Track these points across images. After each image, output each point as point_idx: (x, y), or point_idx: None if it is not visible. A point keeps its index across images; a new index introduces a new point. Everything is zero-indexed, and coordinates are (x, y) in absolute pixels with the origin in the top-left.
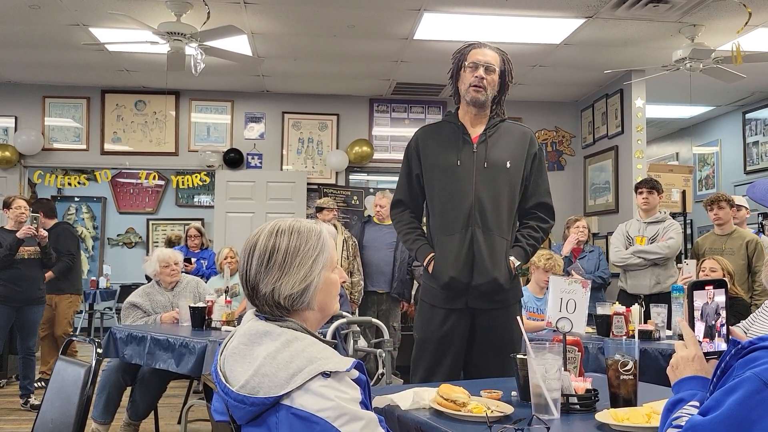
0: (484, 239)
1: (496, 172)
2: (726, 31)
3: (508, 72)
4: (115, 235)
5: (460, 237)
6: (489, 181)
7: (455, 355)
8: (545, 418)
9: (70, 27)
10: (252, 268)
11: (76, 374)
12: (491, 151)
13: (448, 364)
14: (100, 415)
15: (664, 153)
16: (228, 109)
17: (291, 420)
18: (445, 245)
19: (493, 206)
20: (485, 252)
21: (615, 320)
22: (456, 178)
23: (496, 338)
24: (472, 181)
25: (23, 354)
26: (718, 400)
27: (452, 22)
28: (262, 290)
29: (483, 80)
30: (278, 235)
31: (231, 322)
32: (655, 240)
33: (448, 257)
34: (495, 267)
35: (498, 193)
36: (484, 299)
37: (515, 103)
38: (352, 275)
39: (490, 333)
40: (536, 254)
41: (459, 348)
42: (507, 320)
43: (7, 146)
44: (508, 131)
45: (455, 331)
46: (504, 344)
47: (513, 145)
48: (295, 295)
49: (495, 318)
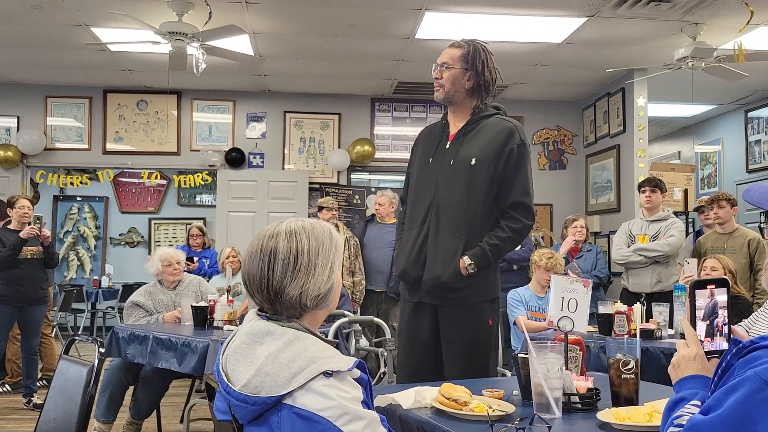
0: (435, 236)
1: (460, 169)
2: (728, 29)
3: (478, 61)
4: (117, 234)
5: (416, 233)
6: (450, 179)
7: (421, 351)
8: (547, 417)
9: (72, 27)
10: (276, 273)
11: (79, 373)
12: (461, 149)
13: (415, 359)
14: (103, 414)
15: (666, 152)
16: (230, 108)
17: (293, 419)
18: (404, 240)
19: (450, 204)
20: (432, 249)
21: (617, 319)
22: (424, 175)
23: (457, 337)
24: (435, 178)
25: (26, 353)
26: (719, 400)
27: (454, 21)
28: (290, 294)
29: (437, 80)
30: (298, 237)
31: (233, 322)
32: (657, 238)
33: (402, 252)
34: (441, 265)
35: (459, 191)
36: (433, 295)
37: (517, 102)
38: (354, 275)
39: (451, 331)
40: (537, 253)
41: (426, 344)
42: (468, 319)
43: (10, 146)
44: (488, 127)
45: (420, 326)
46: (465, 343)
47: (486, 142)
48: (322, 295)
49: (456, 316)
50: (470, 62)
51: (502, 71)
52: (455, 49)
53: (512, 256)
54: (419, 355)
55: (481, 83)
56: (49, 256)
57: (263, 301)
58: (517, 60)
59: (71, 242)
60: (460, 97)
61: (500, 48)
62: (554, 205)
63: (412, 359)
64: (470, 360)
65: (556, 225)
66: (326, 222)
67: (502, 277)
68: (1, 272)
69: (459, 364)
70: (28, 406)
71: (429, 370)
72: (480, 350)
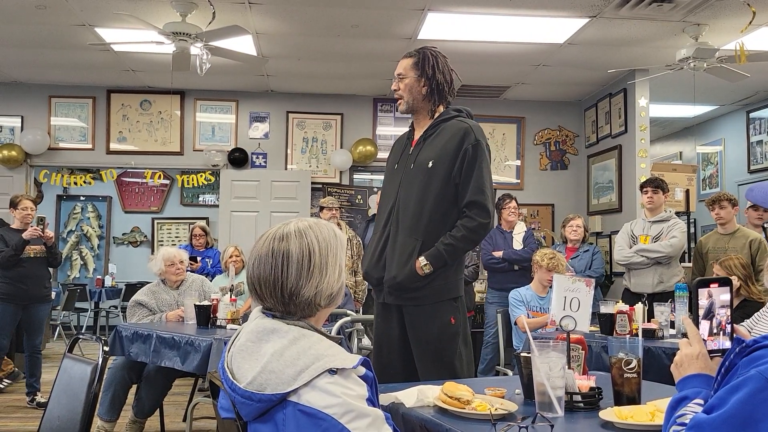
0: (393, 238)
1: (418, 172)
2: (730, 30)
3: (428, 65)
4: (121, 234)
5: (379, 236)
6: (410, 182)
7: (390, 350)
8: (549, 416)
9: (76, 27)
10: (290, 276)
11: (83, 372)
12: (421, 153)
13: (384, 357)
14: (106, 413)
15: (667, 152)
16: (233, 108)
17: (298, 416)
18: (370, 242)
19: (407, 206)
20: (390, 250)
21: (618, 319)
22: (389, 180)
23: (421, 336)
24: (397, 183)
25: (29, 352)
26: (723, 399)
27: (456, 21)
28: (305, 295)
29: (396, 92)
30: (308, 238)
31: (236, 321)
32: (659, 239)
33: (366, 254)
34: (396, 265)
35: (415, 193)
36: (393, 296)
37: (519, 103)
38: (356, 274)
39: (414, 330)
40: (539, 254)
41: (395, 343)
42: (428, 318)
43: (14, 146)
44: (446, 130)
45: (388, 325)
46: (428, 342)
47: (443, 144)
48: (334, 293)
49: (416, 316)
50: (421, 68)
51: (503, 71)
52: (407, 59)
53: (513, 257)
54: (388, 354)
55: (434, 87)
56: (53, 255)
57: (276, 303)
58: (519, 60)
59: (75, 241)
60: (418, 104)
61: (502, 48)
62: (556, 206)
63: (382, 358)
64: (436, 359)
65: (558, 225)
66: (327, 221)
67: (504, 277)
68: (5, 271)
69: (425, 363)
70: (32, 405)
71: (397, 369)
72: (444, 349)
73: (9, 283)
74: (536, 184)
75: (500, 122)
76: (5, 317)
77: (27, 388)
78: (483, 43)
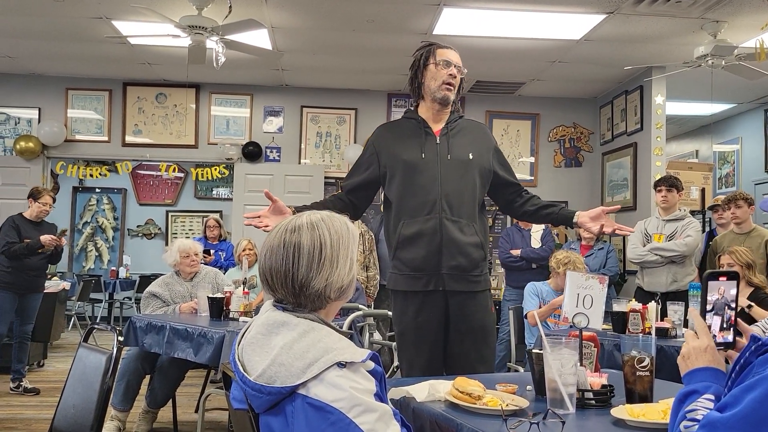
0: (453, 226)
1: (460, 164)
2: (749, 27)
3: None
4: (135, 226)
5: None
6: (454, 172)
7: (432, 345)
8: (560, 413)
9: (93, 20)
10: (301, 267)
11: (98, 361)
12: (453, 146)
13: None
14: (120, 403)
15: (683, 150)
16: (247, 102)
17: (306, 409)
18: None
19: (461, 195)
20: (450, 238)
21: (631, 317)
22: (420, 170)
23: (466, 324)
24: (437, 172)
25: (20, 338)
26: (737, 397)
27: (471, 17)
28: (315, 287)
29: (454, 79)
30: (319, 230)
31: (248, 313)
32: (673, 238)
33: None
34: (462, 252)
35: (467, 183)
36: (457, 282)
37: (534, 99)
38: (368, 269)
39: (462, 319)
40: (554, 260)
41: (436, 337)
42: (478, 307)
43: (31, 137)
44: (467, 127)
45: (431, 317)
46: (472, 330)
47: (472, 140)
48: (345, 286)
49: (469, 304)
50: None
51: (519, 68)
52: (456, 54)
53: (531, 255)
54: (430, 350)
55: (462, 85)
56: (57, 255)
57: (287, 295)
58: (534, 57)
59: (90, 233)
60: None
61: (518, 44)
62: (569, 203)
63: (423, 355)
64: (484, 347)
65: None
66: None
67: (521, 276)
68: (10, 261)
69: (473, 350)
70: (17, 391)
71: (439, 365)
72: (490, 336)
73: (11, 272)
74: (550, 182)
75: (515, 119)
76: (5, 304)
77: (12, 374)
78: (498, 39)
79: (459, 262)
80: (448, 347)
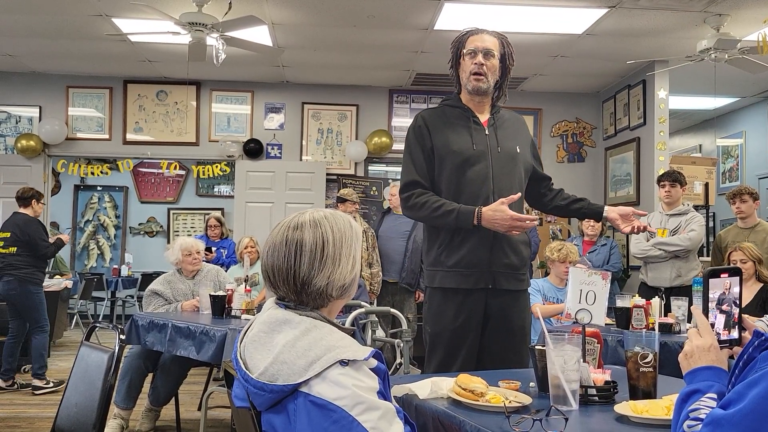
0: None
1: (509, 158)
2: (752, 20)
3: (509, 55)
4: (137, 224)
5: None
6: (504, 166)
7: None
8: (564, 409)
9: (93, 17)
10: (303, 265)
11: (100, 360)
12: (501, 138)
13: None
14: (122, 401)
15: (686, 145)
16: (248, 99)
17: (308, 407)
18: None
19: (509, 191)
20: (503, 235)
21: (635, 313)
22: (471, 161)
23: (509, 323)
24: (488, 165)
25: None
26: (741, 393)
27: (473, 12)
28: (317, 284)
29: (483, 66)
30: (322, 228)
31: (250, 311)
32: (676, 232)
33: (466, 239)
34: (513, 250)
35: (513, 177)
36: (507, 280)
37: (536, 94)
38: (371, 266)
39: (504, 318)
40: (548, 249)
41: (474, 337)
42: (521, 305)
43: (32, 135)
44: (509, 118)
45: (471, 316)
46: (514, 329)
47: (516, 131)
48: (347, 284)
49: (512, 302)
50: (502, 53)
51: (521, 62)
52: (494, 38)
53: None
54: (467, 352)
55: (506, 74)
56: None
57: (289, 292)
58: (536, 51)
59: (91, 231)
60: (491, 89)
61: (520, 39)
62: None
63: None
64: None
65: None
66: (343, 213)
67: None
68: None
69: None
70: (12, 388)
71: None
72: (527, 334)
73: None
74: (553, 177)
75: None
76: (44, 299)
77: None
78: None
79: (511, 260)
80: (483, 348)
